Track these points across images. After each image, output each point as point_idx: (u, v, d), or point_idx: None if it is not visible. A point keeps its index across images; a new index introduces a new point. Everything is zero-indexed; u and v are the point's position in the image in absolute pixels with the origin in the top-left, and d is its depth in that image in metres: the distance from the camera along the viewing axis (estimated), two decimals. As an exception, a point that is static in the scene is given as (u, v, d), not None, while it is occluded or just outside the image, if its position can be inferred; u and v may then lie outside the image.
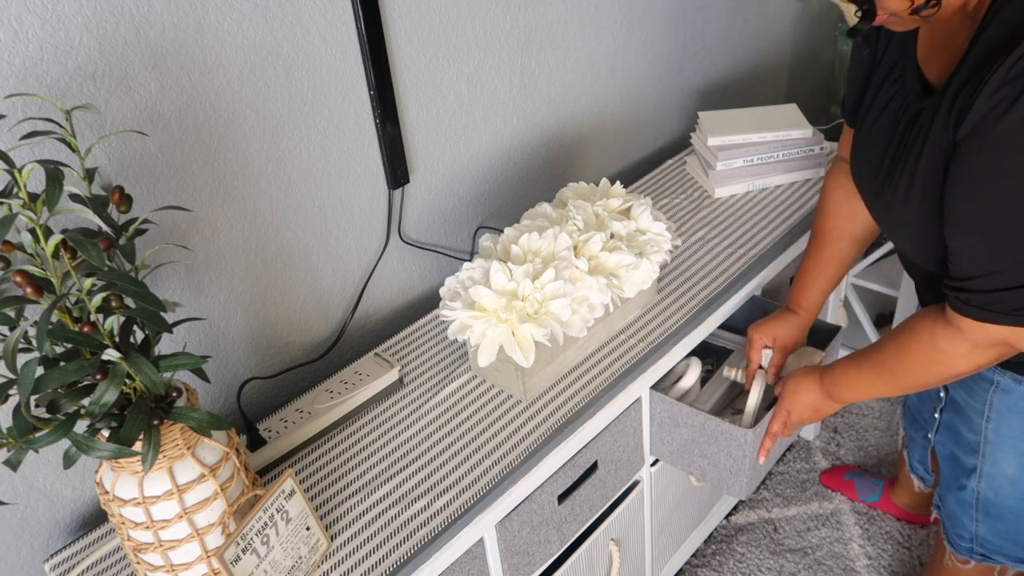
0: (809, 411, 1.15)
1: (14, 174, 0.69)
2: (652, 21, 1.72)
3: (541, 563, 1.16)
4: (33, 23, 0.87)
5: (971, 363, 0.90)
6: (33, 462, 1.01)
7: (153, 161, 1.02)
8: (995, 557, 1.17)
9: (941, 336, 0.90)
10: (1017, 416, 1.04)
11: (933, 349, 0.92)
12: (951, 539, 1.21)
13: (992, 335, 0.85)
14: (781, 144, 1.59)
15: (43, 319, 0.66)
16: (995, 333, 0.85)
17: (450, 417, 1.14)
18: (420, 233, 1.40)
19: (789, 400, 1.16)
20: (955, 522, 1.19)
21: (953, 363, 0.91)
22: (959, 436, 1.12)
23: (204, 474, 0.83)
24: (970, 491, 1.13)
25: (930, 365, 0.93)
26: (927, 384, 0.97)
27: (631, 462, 1.27)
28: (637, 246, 1.19)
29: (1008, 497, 1.10)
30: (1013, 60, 0.74)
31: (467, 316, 1.06)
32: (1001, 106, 0.75)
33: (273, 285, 1.21)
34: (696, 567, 1.67)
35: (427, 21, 1.26)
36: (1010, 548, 1.15)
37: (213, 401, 1.19)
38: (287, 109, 1.13)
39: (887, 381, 1.01)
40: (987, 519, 1.14)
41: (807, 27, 2.28)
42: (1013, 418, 1.05)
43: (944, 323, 0.90)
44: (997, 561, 1.18)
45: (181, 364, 0.78)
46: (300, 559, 0.93)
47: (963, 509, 1.16)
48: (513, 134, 1.50)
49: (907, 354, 0.96)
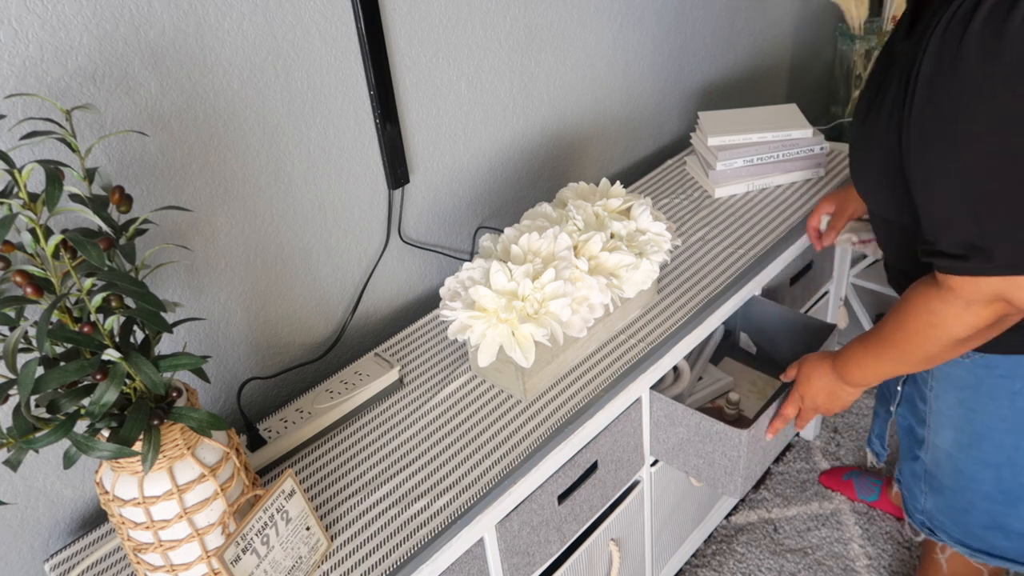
0: (823, 395, 1.13)
1: (14, 174, 0.69)
2: (652, 21, 1.72)
3: (541, 563, 1.16)
4: (33, 23, 0.87)
5: (965, 323, 0.87)
6: (33, 462, 1.01)
7: (153, 161, 1.02)
8: (939, 534, 1.18)
9: (934, 298, 0.89)
10: (952, 390, 1.05)
11: (928, 313, 0.90)
12: (908, 511, 1.22)
13: (984, 289, 0.83)
14: (781, 144, 1.59)
15: (43, 319, 0.66)
16: (986, 287, 0.82)
17: (450, 417, 1.14)
18: (420, 233, 1.40)
19: (804, 385, 1.15)
20: (910, 494, 1.20)
21: (948, 325, 0.88)
22: (915, 407, 1.13)
23: (204, 474, 0.83)
24: (920, 463, 1.15)
25: (927, 331, 0.91)
26: (930, 354, 0.94)
27: (631, 462, 1.27)
28: (637, 246, 1.19)
29: (946, 473, 1.11)
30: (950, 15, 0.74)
31: (467, 316, 1.06)
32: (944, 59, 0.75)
33: (273, 285, 1.21)
34: (696, 567, 1.67)
35: (427, 21, 1.26)
36: (950, 527, 1.15)
37: (213, 401, 1.19)
38: (287, 109, 1.13)
39: (892, 356, 0.99)
40: (932, 492, 1.15)
41: (807, 27, 2.28)
42: (950, 392, 1.05)
43: (936, 286, 0.88)
44: (940, 538, 1.18)
45: (181, 364, 0.78)
46: (300, 559, 0.93)
47: (915, 481, 1.18)
48: (513, 134, 1.50)
49: (904, 323, 0.94)
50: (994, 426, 1.03)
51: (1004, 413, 1.01)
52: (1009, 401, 1.00)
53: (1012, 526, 1.08)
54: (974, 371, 1.01)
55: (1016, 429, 1.01)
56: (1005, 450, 1.03)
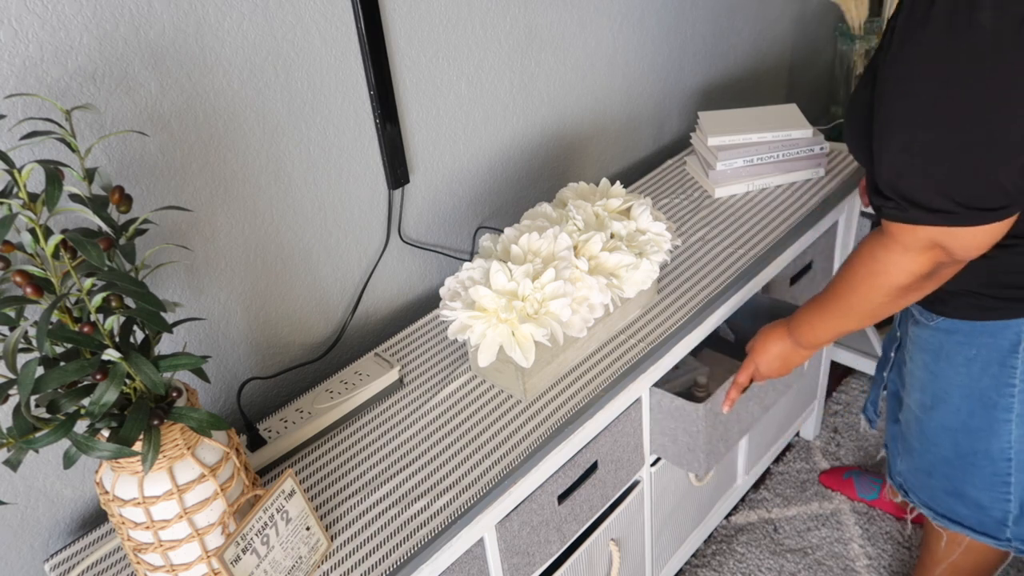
0: (778, 361, 1.16)
1: (14, 174, 0.69)
2: (652, 21, 1.72)
3: (541, 563, 1.16)
4: (33, 23, 0.87)
5: (904, 269, 0.91)
6: (33, 462, 1.01)
7: (153, 161, 1.02)
8: (911, 495, 1.21)
9: (878, 246, 0.93)
10: (920, 352, 1.09)
11: (871, 260, 0.94)
12: (890, 473, 1.26)
13: (921, 236, 0.87)
14: (781, 144, 1.59)
15: (43, 319, 0.67)
16: (923, 234, 0.86)
17: (450, 417, 1.14)
18: (420, 233, 1.40)
19: (759, 351, 1.18)
20: (891, 456, 1.25)
21: (888, 271, 0.92)
22: (901, 372, 1.18)
23: (204, 474, 0.83)
24: (899, 425, 1.20)
25: (870, 279, 0.95)
26: (874, 304, 0.97)
27: (631, 462, 1.27)
28: (637, 246, 1.19)
29: (914, 434, 1.15)
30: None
31: (467, 316, 1.06)
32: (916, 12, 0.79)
33: (273, 285, 1.21)
34: (696, 567, 1.67)
35: (427, 21, 1.26)
36: (917, 489, 1.19)
37: (213, 401, 1.19)
38: (287, 109, 1.13)
39: (840, 310, 1.02)
40: (904, 453, 1.19)
41: (807, 27, 2.28)
42: (918, 354, 1.09)
43: (880, 235, 0.92)
44: (911, 499, 1.21)
45: (181, 364, 0.78)
46: (300, 559, 0.93)
47: (894, 442, 1.22)
48: (513, 134, 1.50)
49: (851, 274, 0.98)
50: (951, 391, 1.06)
51: (960, 379, 1.04)
52: (965, 367, 1.03)
53: (968, 493, 1.11)
54: (936, 335, 1.05)
55: (970, 395, 1.04)
56: (960, 415, 1.06)
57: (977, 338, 1.01)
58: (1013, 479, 1.06)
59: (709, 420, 1.20)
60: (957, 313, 1.02)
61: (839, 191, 1.58)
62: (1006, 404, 1.02)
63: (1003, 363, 1.01)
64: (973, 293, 0.99)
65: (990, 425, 1.04)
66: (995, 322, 0.99)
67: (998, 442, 1.05)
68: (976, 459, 1.07)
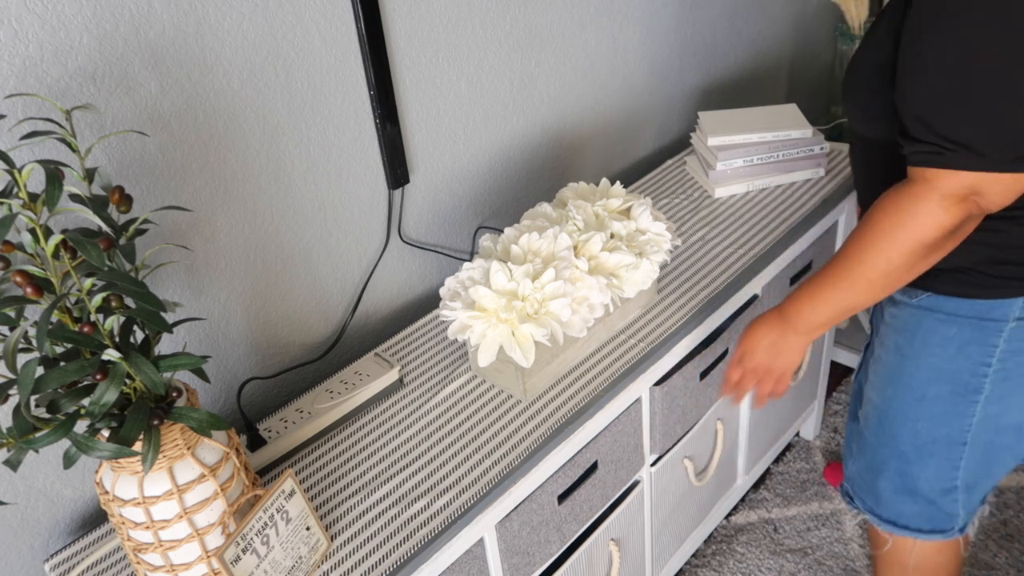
0: (770, 352, 1.04)
1: (14, 174, 0.69)
2: (652, 21, 1.72)
3: (541, 563, 1.16)
4: (33, 23, 0.87)
5: (935, 222, 0.84)
6: (33, 462, 1.01)
7: (153, 161, 1.02)
8: (856, 500, 1.18)
9: (906, 196, 0.85)
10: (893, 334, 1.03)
11: (897, 212, 0.86)
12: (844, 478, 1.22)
13: (962, 182, 0.81)
14: (781, 144, 1.59)
15: (43, 319, 0.67)
16: (965, 180, 0.81)
17: (450, 417, 1.14)
18: (420, 233, 1.40)
19: (746, 339, 1.07)
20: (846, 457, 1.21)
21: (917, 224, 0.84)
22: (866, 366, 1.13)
23: (204, 474, 0.83)
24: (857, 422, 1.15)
25: (894, 233, 0.86)
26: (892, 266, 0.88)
27: (631, 462, 1.27)
28: (637, 246, 1.19)
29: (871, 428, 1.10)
30: None
31: (467, 316, 1.06)
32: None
33: (273, 285, 1.21)
34: (696, 567, 1.67)
35: (427, 21, 1.26)
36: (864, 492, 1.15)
37: (213, 401, 1.19)
38: (287, 109, 1.13)
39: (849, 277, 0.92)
40: (858, 453, 1.15)
41: (807, 27, 2.28)
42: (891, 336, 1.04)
43: (909, 184, 0.86)
44: (856, 505, 1.18)
45: (181, 364, 0.78)
46: (300, 559, 0.93)
47: (849, 443, 1.18)
48: (513, 134, 1.50)
49: (870, 229, 0.89)
50: (920, 375, 1.01)
51: (933, 360, 1.00)
52: (940, 347, 0.99)
53: (920, 488, 1.08)
54: (916, 314, 1.00)
55: (939, 378, 1.00)
56: (925, 402, 1.02)
57: (961, 316, 0.96)
58: (963, 462, 1.03)
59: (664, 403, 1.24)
60: (945, 289, 0.96)
61: (839, 191, 1.58)
62: (976, 385, 0.98)
63: (984, 343, 0.96)
64: (967, 270, 0.94)
65: (955, 408, 1.00)
66: (985, 301, 0.94)
67: (959, 425, 1.01)
68: (934, 447, 1.03)
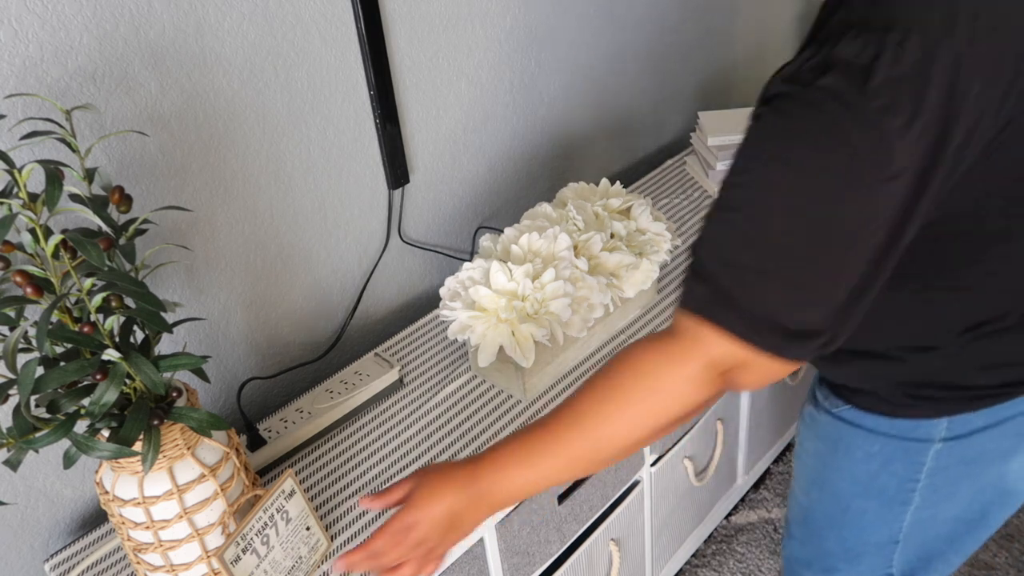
0: (444, 525, 0.76)
1: (14, 174, 0.69)
2: (652, 21, 1.72)
3: (541, 563, 1.16)
4: (33, 23, 0.87)
5: (696, 391, 0.69)
6: (33, 462, 1.01)
7: (153, 161, 1.02)
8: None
9: (665, 357, 0.70)
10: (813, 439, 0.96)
11: (655, 377, 0.70)
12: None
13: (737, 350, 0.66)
14: (781, 144, 1.59)
15: (43, 319, 0.67)
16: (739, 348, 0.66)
17: (450, 417, 1.14)
18: (420, 233, 1.40)
19: (421, 504, 0.76)
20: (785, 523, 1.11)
21: (678, 393, 0.69)
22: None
23: (204, 474, 0.83)
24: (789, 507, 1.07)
25: (648, 400, 0.70)
26: (637, 438, 0.71)
27: (631, 462, 1.27)
28: (637, 246, 1.19)
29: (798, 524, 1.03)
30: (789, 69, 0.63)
31: (467, 316, 1.06)
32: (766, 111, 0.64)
33: (273, 285, 1.21)
34: (696, 567, 1.67)
35: (427, 21, 1.26)
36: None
37: (213, 401, 1.19)
38: (287, 109, 1.13)
39: (586, 440, 0.72)
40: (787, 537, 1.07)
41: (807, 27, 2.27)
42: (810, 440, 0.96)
43: (671, 339, 0.71)
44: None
45: (181, 364, 0.78)
46: (300, 559, 0.93)
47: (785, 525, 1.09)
48: (513, 134, 1.50)
49: (618, 391, 0.71)
50: (844, 487, 0.93)
51: (857, 474, 0.91)
52: (864, 464, 0.89)
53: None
54: (836, 425, 0.90)
55: (865, 492, 0.91)
56: (851, 514, 0.94)
57: (883, 435, 0.87)
58: (896, 558, 0.95)
59: None
60: (865, 404, 0.86)
61: (839, 191, 1.58)
62: (904, 499, 0.89)
63: (909, 461, 0.87)
64: (886, 387, 0.84)
65: (883, 518, 0.92)
66: (907, 420, 0.84)
67: (888, 531, 0.93)
68: (863, 549, 0.96)
